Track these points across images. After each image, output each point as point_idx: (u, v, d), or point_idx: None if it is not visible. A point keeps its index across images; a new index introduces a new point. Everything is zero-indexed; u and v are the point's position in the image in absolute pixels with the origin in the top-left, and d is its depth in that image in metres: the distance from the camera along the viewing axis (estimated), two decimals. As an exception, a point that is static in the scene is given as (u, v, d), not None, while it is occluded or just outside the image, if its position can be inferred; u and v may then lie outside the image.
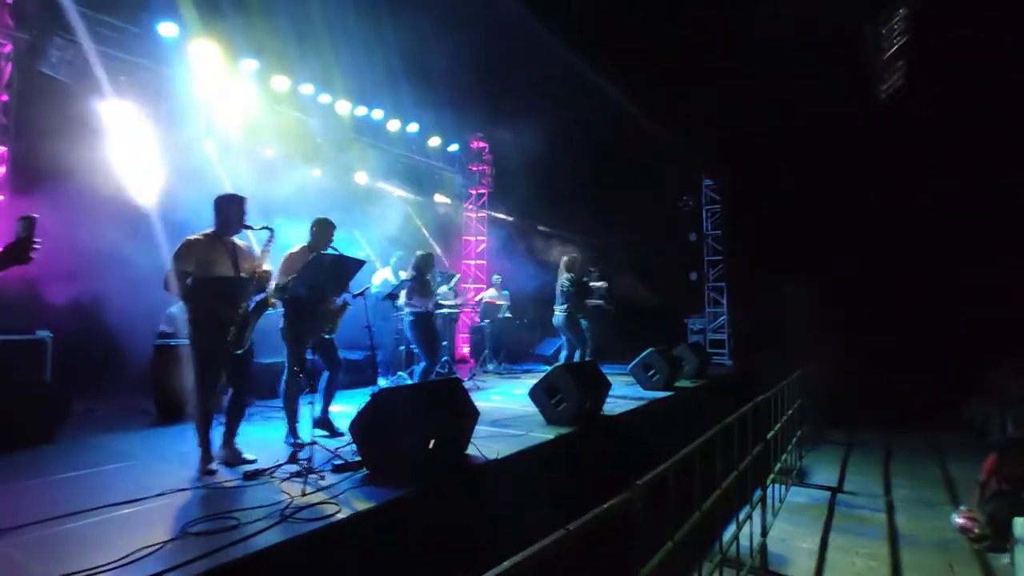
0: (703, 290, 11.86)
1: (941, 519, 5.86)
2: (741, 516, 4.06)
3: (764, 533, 4.40)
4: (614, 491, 2.28)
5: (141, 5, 6.30)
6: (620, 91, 9.11)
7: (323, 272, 3.83)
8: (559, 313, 7.40)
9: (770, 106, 9.81)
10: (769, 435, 4.65)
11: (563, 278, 7.34)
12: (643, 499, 2.10)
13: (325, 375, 4.65)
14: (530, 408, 5.37)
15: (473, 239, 12.58)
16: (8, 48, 5.69)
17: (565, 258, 7.50)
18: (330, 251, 4.17)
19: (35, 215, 2.14)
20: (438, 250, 10.86)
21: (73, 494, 3.14)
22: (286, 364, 4.30)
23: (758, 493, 4.50)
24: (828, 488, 6.53)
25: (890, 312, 11.42)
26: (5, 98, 5.73)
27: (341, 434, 4.48)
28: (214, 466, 3.62)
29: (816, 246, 12.09)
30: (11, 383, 4.29)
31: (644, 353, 7.32)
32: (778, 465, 5.34)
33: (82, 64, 5.96)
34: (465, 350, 11.65)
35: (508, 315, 9.84)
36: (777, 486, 5.55)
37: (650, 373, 7.23)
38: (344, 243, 4.71)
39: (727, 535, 3.81)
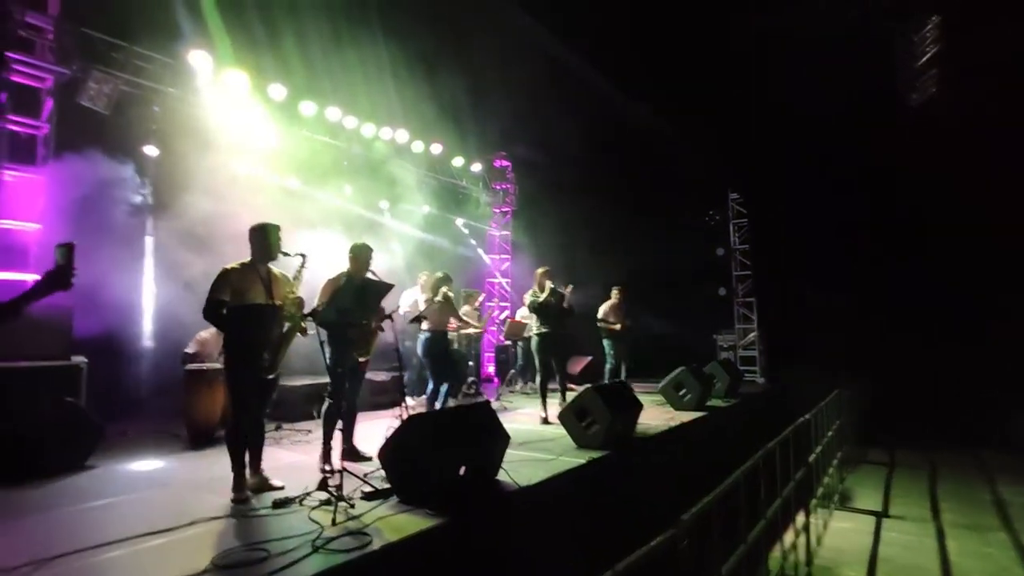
0: (732, 306, 11.62)
1: (994, 545, 5.55)
2: (786, 543, 3.89)
3: (809, 561, 4.19)
4: (650, 518, 2.18)
5: (174, 36, 6.48)
6: (644, 106, 9.09)
7: (350, 297, 3.82)
8: None
9: (799, 116, 9.65)
10: (811, 458, 4.46)
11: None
12: (689, 535, 1.99)
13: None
14: (559, 430, 5.27)
15: (497, 257, 12.58)
16: (49, 83, 5.90)
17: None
18: (368, 275, 4.16)
19: (73, 242, 2.16)
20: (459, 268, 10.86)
21: (107, 523, 3.14)
22: (329, 388, 4.30)
23: (801, 518, 4.31)
24: (873, 512, 6.24)
25: (929, 324, 11.01)
26: (46, 130, 5.93)
27: (369, 458, 4.43)
28: (247, 493, 3.60)
29: (849, 258, 11.79)
30: (47, 410, 4.34)
31: (675, 372, 7.15)
32: (821, 489, 5.12)
33: (118, 96, 6.14)
34: (490, 369, 11.58)
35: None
36: (821, 509, 5.32)
37: (681, 392, 7.05)
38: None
39: (772, 561, 3.63)
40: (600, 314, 8.99)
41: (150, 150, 6.67)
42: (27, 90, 5.87)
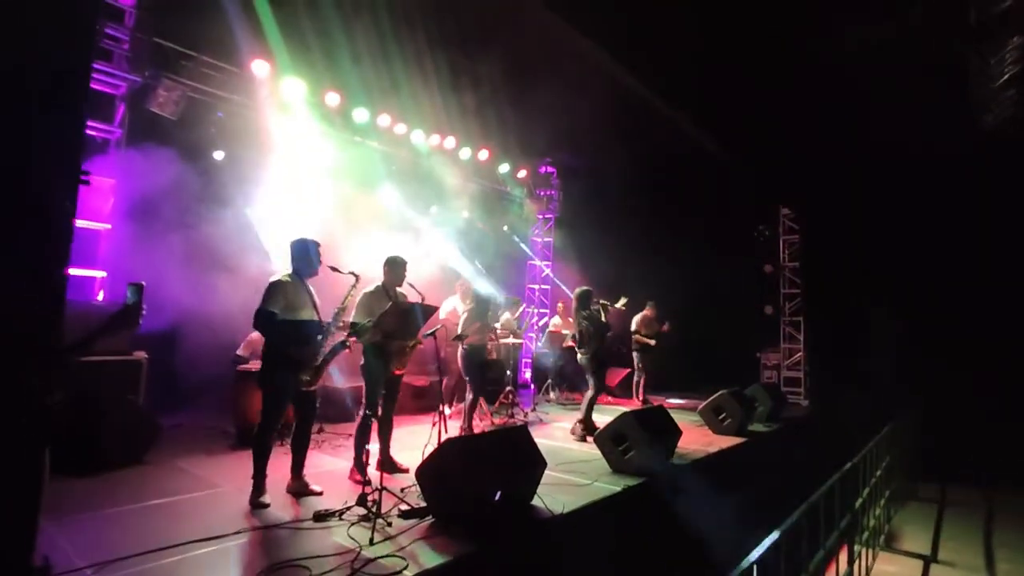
0: (778, 324, 11.28)
1: (1056, 601, 5.23)
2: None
3: (850, 610, 4.06)
4: (688, 550, 2.15)
5: (237, 46, 6.70)
6: (696, 118, 8.90)
7: (396, 321, 3.91)
8: None
9: (858, 134, 9.27)
10: (858, 503, 4.31)
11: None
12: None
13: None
14: (595, 451, 5.24)
15: (539, 264, 12.57)
16: (122, 90, 6.22)
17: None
18: (404, 298, 4.25)
19: (143, 282, 2.28)
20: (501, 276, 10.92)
21: (161, 525, 3.32)
22: (364, 402, 4.41)
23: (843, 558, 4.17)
24: (920, 556, 5.96)
25: (990, 352, 10.40)
26: (118, 134, 6.26)
27: (405, 470, 4.51)
28: (265, 499, 3.73)
29: (907, 278, 11.25)
30: (108, 407, 4.58)
31: (715, 395, 7.01)
32: (866, 533, 4.94)
33: (185, 102, 6.42)
34: (527, 375, 11.60)
35: (572, 344, 9.72)
36: (864, 549, 5.11)
37: (721, 417, 6.91)
38: (412, 268, 4.75)
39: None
40: (633, 327, 8.98)
41: (214, 154, 6.96)
42: (102, 96, 6.21)
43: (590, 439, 6.09)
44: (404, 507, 3.66)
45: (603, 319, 6.75)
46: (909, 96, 8.38)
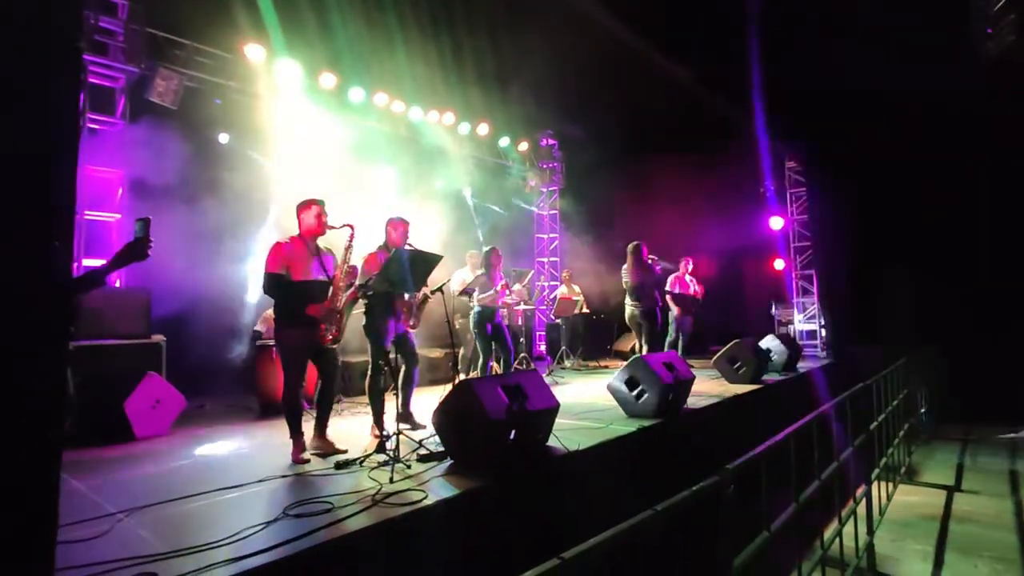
0: (791, 279, 11.21)
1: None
2: (844, 514, 3.79)
3: (871, 531, 4.08)
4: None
5: (231, 31, 6.77)
6: (695, 73, 8.81)
7: (402, 268, 3.97)
8: None
9: (860, 77, 9.12)
10: (872, 425, 4.31)
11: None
12: (734, 484, 2.00)
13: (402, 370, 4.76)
14: (610, 402, 5.29)
15: (545, 236, 12.59)
16: (121, 82, 6.32)
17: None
18: (408, 247, 4.30)
19: (149, 216, 2.35)
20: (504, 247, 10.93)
21: (188, 478, 3.44)
22: (371, 360, 4.49)
23: (862, 490, 4.18)
24: (944, 487, 5.96)
25: (1009, 297, 10.24)
26: (121, 126, 6.36)
27: (423, 426, 4.60)
28: (306, 455, 3.84)
29: (920, 227, 11.08)
30: (130, 379, 4.72)
31: (729, 345, 7.01)
32: (884, 460, 4.94)
33: (183, 91, 6.50)
34: (542, 347, 11.67)
35: (585, 311, 9.75)
36: (884, 483, 5.13)
37: (736, 366, 6.91)
38: (418, 244, 4.83)
39: (829, 534, 3.56)
40: (677, 288, 8.77)
41: (215, 139, 7.06)
42: (102, 90, 6.31)
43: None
44: (423, 452, 3.74)
45: (656, 273, 7.06)
46: (911, 32, 8.21)
